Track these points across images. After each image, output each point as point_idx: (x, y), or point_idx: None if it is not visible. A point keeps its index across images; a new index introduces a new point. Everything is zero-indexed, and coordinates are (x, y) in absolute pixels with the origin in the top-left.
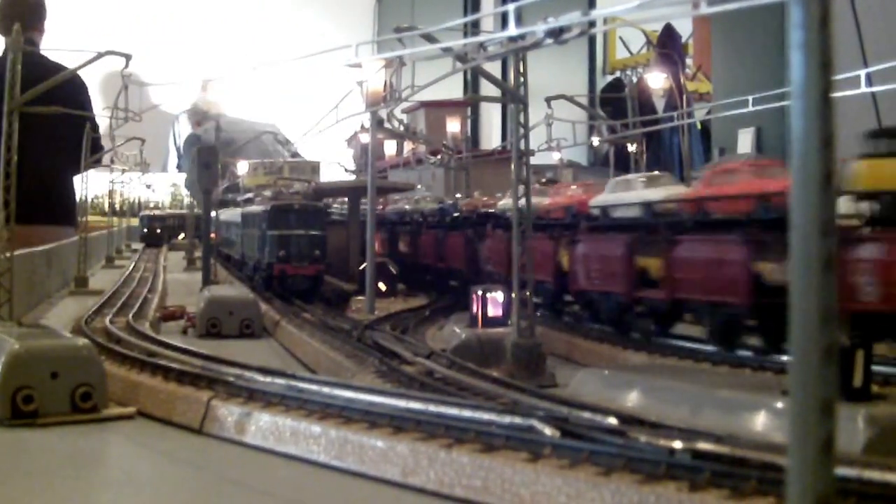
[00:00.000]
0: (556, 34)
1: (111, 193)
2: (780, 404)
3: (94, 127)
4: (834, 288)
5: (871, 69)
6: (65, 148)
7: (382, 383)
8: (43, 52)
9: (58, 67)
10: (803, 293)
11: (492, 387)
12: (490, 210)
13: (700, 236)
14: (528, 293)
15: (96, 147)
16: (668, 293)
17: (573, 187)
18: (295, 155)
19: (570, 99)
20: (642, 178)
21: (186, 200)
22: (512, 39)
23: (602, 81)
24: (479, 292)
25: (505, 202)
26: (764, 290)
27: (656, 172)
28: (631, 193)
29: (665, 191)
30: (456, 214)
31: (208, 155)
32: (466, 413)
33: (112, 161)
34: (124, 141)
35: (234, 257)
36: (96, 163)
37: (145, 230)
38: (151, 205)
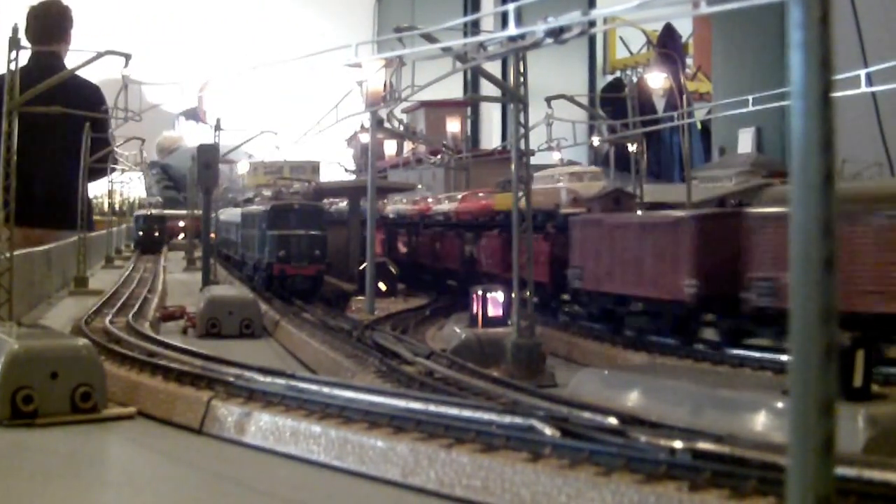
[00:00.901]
0: (556, 34)
1: (111, 193)
2: (780, 404)
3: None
4: (834, 288)
5: (871, 69)
6: (80, 153)
7: (382, 383)
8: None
9: (75, 79)
10: (803, 293)
11: (492, 387)
12: (382, 212)
13: (448, 232)
14: (528, 293)
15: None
16: (440, 263)
17: (438, 196)
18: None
19: (571, 99)
20: (449, 195)
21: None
22: (512, 39)
23: (602, 81)
24: (480, 292)
25: (391, 207)
26: (465, 260)
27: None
28: (439, 206)
29: (449, 206)
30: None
31: (208, 155)
32: (466, 413)
33: (112, 161)
34: (124, 141)
35: (234, 257)
36: (110, 169)
37: (140, 233)
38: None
